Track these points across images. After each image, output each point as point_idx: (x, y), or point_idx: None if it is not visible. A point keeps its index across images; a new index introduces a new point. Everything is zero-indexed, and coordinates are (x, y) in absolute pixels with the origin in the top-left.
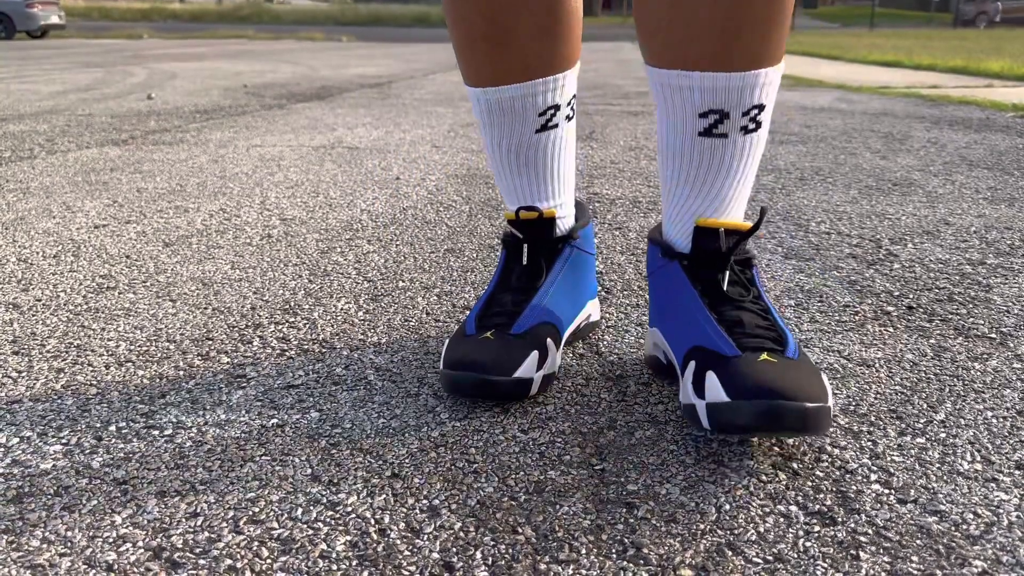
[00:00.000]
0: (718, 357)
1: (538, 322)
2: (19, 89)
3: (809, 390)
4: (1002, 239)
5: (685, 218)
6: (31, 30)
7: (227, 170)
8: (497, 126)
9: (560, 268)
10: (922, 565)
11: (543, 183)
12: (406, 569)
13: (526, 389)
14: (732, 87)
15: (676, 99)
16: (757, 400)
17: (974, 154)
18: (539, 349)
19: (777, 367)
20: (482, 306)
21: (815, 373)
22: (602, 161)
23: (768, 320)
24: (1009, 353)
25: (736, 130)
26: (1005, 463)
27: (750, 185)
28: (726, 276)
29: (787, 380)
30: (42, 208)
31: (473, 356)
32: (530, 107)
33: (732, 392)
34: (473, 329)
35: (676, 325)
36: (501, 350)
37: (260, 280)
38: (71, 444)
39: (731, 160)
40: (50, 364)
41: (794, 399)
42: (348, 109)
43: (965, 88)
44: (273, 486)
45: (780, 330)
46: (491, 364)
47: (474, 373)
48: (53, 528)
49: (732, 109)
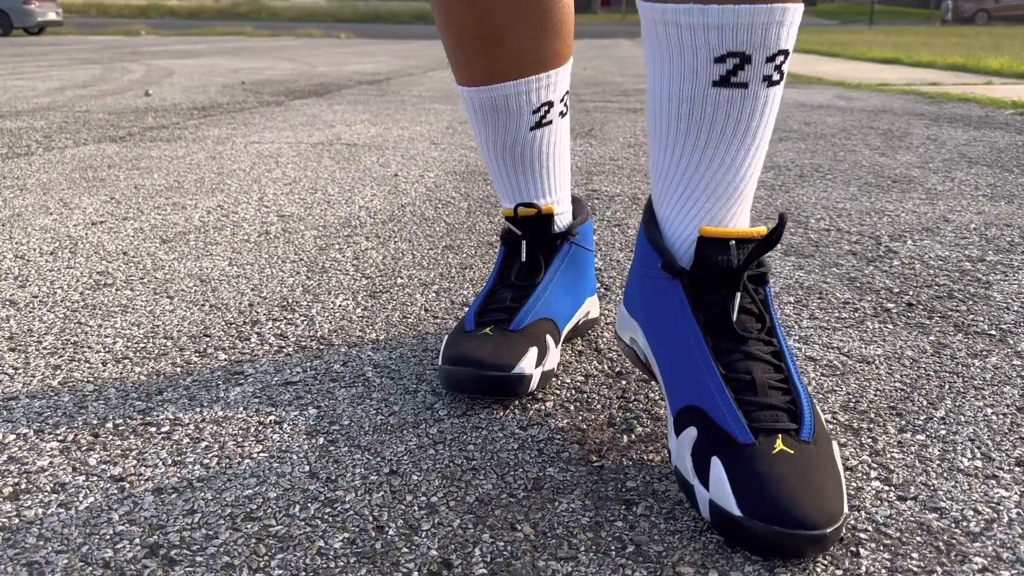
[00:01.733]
0: (727, 440)
1: (537, 318)
2: (16, 85)
3: (830, 506)
4: (1001, 236)
5: (689, 209)
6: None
7: (225, 167)
8: (491, 125)
9: (559, 264)
10: (922, 562)
11: (539, 180)
12: (404, 566)
13: (525, 385)
14: (756, 23)
15: (685, 42)
16: (774, 528)
17: (973, 151)
18: (538, 345)
19: (795, 466)
20: (481, 302)
21: (830, 459)
22: (601, 158)
23: (781, 374)
24: (1009, 350)
25: (758, 80)
26: (1005, 460)
27: (762, 161)
28: (736, 302)
29: (804, 490)
30: (39, 205)
31: (472, 352)
32: (524, 105)
33: (744, 506)
34: (472, 325)
35: (668, 354)
36: (500, 346)
37: (258, 277)
38: (68, 441)
39: (752, 119)
40: (47, 361)
41: (814, 527)
42: (346, 106)
43: (964, 85)
44: (271, 483)
45: (795, 392)
46: (490, 360)
47: (473, 369)
48: (50, 525)
49: (755, 52)
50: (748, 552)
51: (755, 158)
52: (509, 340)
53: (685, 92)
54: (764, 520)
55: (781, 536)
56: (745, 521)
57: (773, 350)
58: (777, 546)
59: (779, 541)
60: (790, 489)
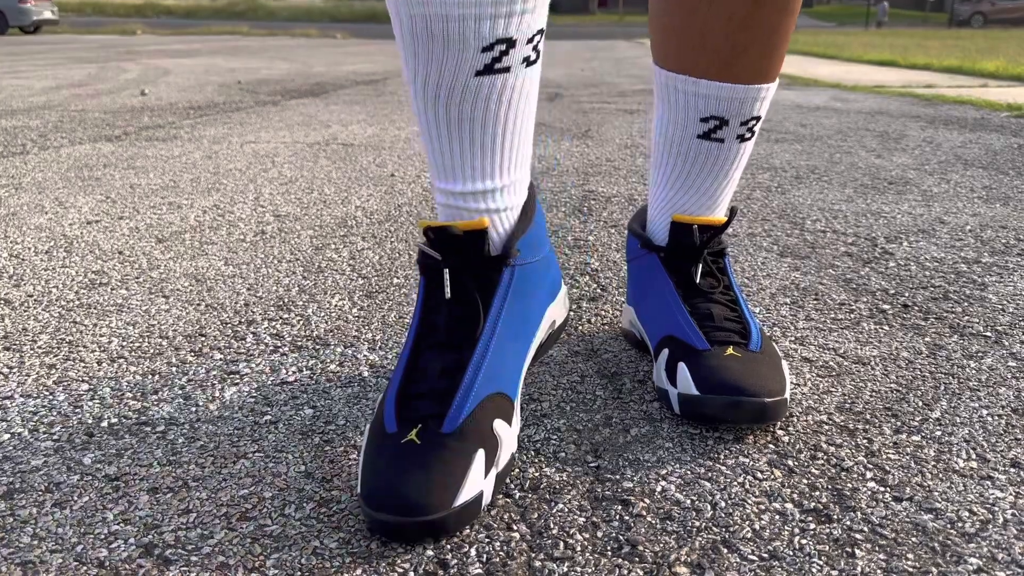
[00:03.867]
0: (689, 350)
1: (479, 401)
2: (11, 84)
3: (768, 385)
4: (997, 238)
5: (669, 212)
6: (24, 25)
7: (221, 166)
8: (422, 59)
9: (501, 303)
10: (917, 563)
11: (485, 152)
12: (400, 567)
13: (476, 511)
14: (735, 98)
15: (680, 101)
16: (722, 396)
17: (969, 153)
18: (484, 446)
19: (741, 362)
20: (400, 380)
21: (775, 365)
22: (597, 159)
23: (735, 312)
24: (1004, 351)
25: (733, 137)
26: (1000, 461)
27: (735, 186)
28: (699, 268)
29: (749, 376)
30: (34, 204)
31: (397, 488)
32: (471, 36)
33: (701, 387)
34: (393, 425)
35: (652, 312)
36: (433, 470)
37: (254, 276)
38: (62, 440)
39: (724, 163)
40: (41, 360)
41: (755, 395)
42: (343, 106)
43: (960, 88)
44: (266, 483)
45: (745, 321)
46: (423, 498)
47: (404, 518)
48: (44, 525)
49: (732, 118)
50: (708, 425)
51: (727, 187)
52: (443, 455)
53: (676, 138)
54: (717, 392)
55: (730, 403)
56: (702, 397)
57: (730, 298)
58: (729, 411)
59: (730, 407)
60: (737, 373)
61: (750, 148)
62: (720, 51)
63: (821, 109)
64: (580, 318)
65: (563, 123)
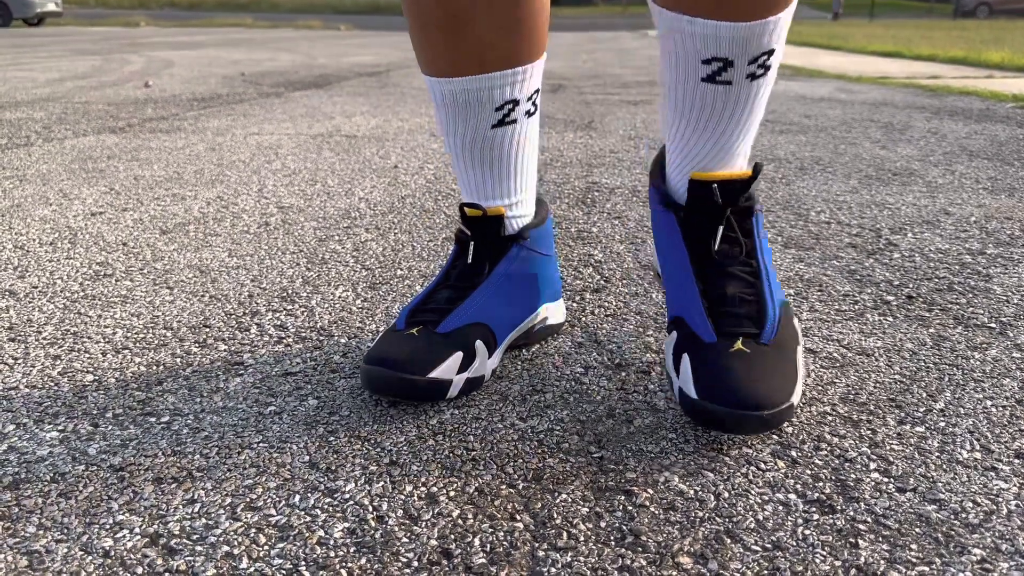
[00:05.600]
0: (696, 340)
1: (469, 322)
2: (15, 76)
3: (772, 394)
4: (1002, 229)
5: (686, 166)
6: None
7: (224, 158)
8: (452, 118)
9: (505, 268)
10: (921, 553)
11: (499, 179)
12: (404, 556)
13: (442, 391)
14: (737, 37)
15: (679, 42)
16: (720, 407)
17: (974, 144)
18: (464, 350)
19: (748, 361)
20: (418, 301)
21: (787, 359)
22: (601, 150)
23: (754, 289)
24: (1008, 342)
25: (742, 78)
26: (1004, 452)
27: (755, 130)
28: (719, 234)
29: (753, 382)
30: (39, 195)
31: (391, 353)
32: (486, 101)
33: (700, 390)
34: (402, 324)
35: (669, 279)
36: (421, 348)
37: (257, 268)
38: (67, 431)
39: (735, 107)
40: (46, 351)
41: (755, 408)
42: (346, 97)
43: (965, 78)
44: (271, 473)
45: (763, 302)
46: (407, 361)
47: (387, 370)
48: (50, 515)
49: (737, 58)
50: (705, 428)
51: (744, 132)
52: (432, 343)
53: (680, 85)
54: (714, 401)
55: (724, 414)
56: (699, 403)
57: (751, 270)
58: (723, 422)
59: (724, 418)
60: (737, 379)
61: (766, 86)
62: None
63: (825, 100)
64: (583, 309)
65: (566, 114)
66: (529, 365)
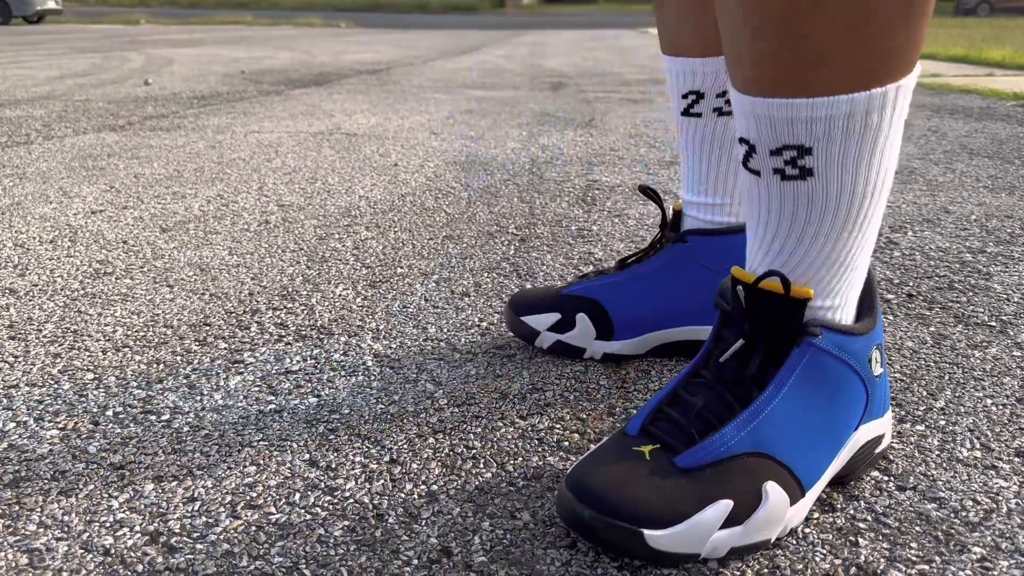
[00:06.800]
0: (626, 425)
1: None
2: (15, 74)
3: (622, 504)
4: (1002, 227)
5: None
6: (27, 15)
7: (225, 156)
8: None
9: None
10: (921, 552)
11: (689, 171)
12: (404, 554)
13: (531, 337)
14: (760, 115)
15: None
16: (565, 487)
17: (975, 143)
18: (563, 313)
19: (632, 468)
20: None
21: (693, 500)
22: (601, 148)
23: (724, 418)
24: (1009, 341)
25: (768, 171)
26: (1004, 450)
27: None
28: (735, 346)
29: (611, 486)
30: (39, 193)
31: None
32: (675, 86)
33: (571, 480)
34: None
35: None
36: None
37: (258, 266)
38: (68, 429)
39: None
40: (47, 349)
41: (591, 507)
42: (346, 95)
43: (966, 77)
44: (271, 471)
45: (716, 432)
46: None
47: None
48: (50, 512)
49: (758, 143)
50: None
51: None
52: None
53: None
54: (568, 478)
55: (565, 502)
56: (561, 493)
57: (742, 397)
58: (562, 509)
59: (564, 506)
60: (605, 476)
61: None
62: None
63: None
64: None
65: (567, 112)
66: (529, 364)
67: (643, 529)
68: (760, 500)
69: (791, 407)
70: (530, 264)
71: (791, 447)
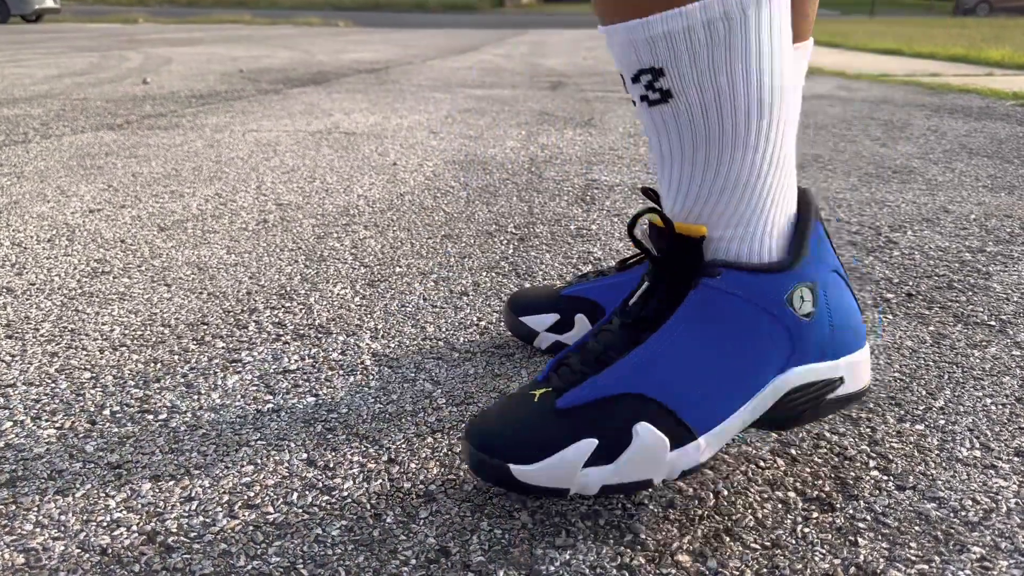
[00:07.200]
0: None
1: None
2: (13, 73)
3: (503, 444)
4: (1002, 227)
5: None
6: (26, 14)
7: (223, 155)
8: None
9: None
10: (920, 551)
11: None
12: (402, 554)
13: (530, 338)
14: (619, 41)
15: None
16: (464, 450)
17: (974, 142)
18: (561, 314)
19: (513, 414)
20: None
21: (561, 437)
22: (601, 148)
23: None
24: (1008, 340)
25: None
26: (1004, 450)
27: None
28: (641, 287)
29: (491, 417)
30: (36, 192)
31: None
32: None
33: (470, 424)
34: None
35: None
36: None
37: (256, 265)
38: (65, 428)
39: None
40: (44, 348)
41: (470, 439)
42: (345, 94)
43: (965, 76)
44: (268, 471)
45: (601, 375)
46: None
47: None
48: (47, 512)
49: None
50: None
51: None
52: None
53: None
54: (467, 425)
55: (463, 444)
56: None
57: (636, 340)
58: (462, 452)
59: (463, 448)
60: (492, 419)
61: (671, 121)
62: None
63: (825, 98)
64: None
65: (566, 111)
66: (527, 364)
67: (510, 464)
68: (629, 440)
69: (682, 350)
70: (529, 263)
71: (678, 391)
